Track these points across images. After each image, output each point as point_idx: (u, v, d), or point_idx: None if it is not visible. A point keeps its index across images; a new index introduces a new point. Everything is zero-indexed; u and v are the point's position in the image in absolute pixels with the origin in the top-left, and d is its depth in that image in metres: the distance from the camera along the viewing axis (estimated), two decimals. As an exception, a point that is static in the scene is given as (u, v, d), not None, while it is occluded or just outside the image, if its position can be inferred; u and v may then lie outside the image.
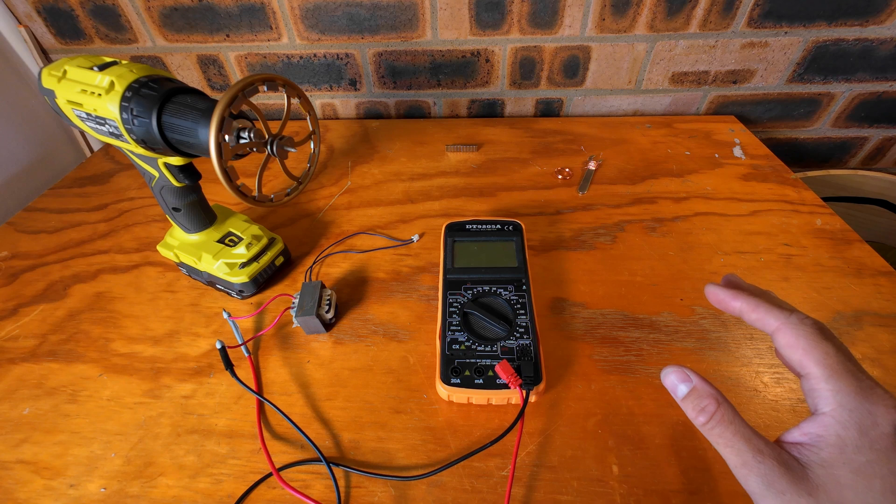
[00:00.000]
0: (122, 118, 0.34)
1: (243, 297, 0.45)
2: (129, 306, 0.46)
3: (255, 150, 0.36)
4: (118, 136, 0.36)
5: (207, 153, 0.33)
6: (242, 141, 0.34)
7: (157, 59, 0.70)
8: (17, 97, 0.66)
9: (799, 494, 0.20)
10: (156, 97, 0.33)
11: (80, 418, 0.37)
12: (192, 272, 0.46)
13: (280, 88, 0.37)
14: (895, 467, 0.20)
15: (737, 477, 0.22)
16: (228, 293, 0.45)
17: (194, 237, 0.45)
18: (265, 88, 0.36)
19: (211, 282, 0.45)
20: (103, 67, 0.35)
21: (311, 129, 0.44)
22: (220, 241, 0.45)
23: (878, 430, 0.20)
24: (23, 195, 0.66)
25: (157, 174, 0.39)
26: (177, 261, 0.46)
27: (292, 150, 0.38)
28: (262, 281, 0.45)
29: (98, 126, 0.36)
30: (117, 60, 0.36)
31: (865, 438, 0.20)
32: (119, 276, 0.49)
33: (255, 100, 0.74)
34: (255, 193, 0.38)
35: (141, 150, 0.37)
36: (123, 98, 0.33)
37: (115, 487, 0.33)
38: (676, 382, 0.24)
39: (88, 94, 0.34)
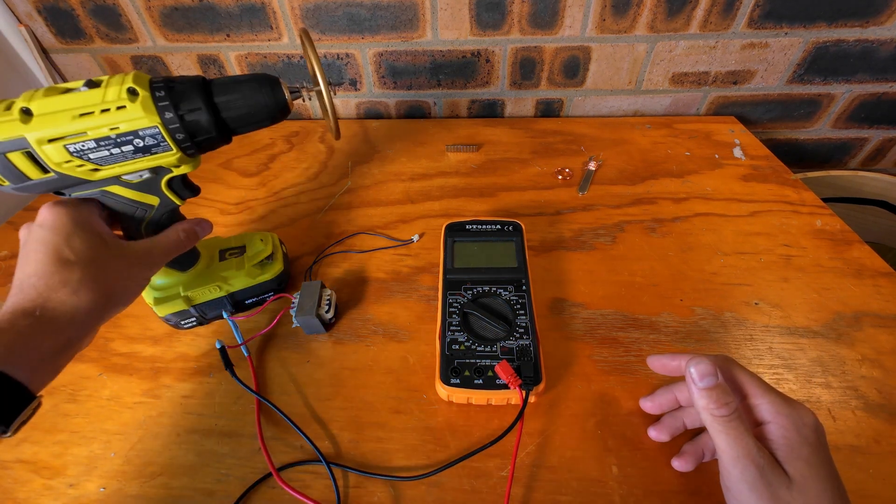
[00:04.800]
0: (164, 119, 0.30)
1: (281, 290, 0.44)
2: (129, 306, 0.45)
3: (309, 96, 0.38)
4: (148, 149, 0.31)
5: (270, 117, 0.34)
6: (295, 95, 0.36)
7: (157, 58, 0.70)
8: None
9: (781, 485, 0.24)
10: (195, 84, 0.31)
11: (79, 418, 0.37)
12: (211, 307, 0.41)
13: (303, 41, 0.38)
14: (824, 458, 0.25)
15: (733, 468, 0.25)
16: (263, 299, 0.44)
17: (194, 271, 0.40)
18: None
19: (238, 301, 0.42)
20: (92, 85, 0.30)
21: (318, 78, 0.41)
22: (221, 258, 0.42)
23: (807, 428, 0.26)
24: (23, 195, 0.65)
25: (156, 201, 0.35)
26: (187, 306, 0.40)
27: (338, 85, 0.39)
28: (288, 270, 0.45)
29: (115, 149, 0.30)
30: (91, 80, 0.31)
31: (801, 436, 0.26)
32: (119, 275, 0.49)
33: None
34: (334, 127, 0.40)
35: (164, 161, 0.32)
36: (157, 98, 0.30)
37: (115, 487, 0.33)
38: (705, 373, 0.27)
39: (98, 115, 0.29)
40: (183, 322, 0.41)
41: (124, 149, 0.30)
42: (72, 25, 0.66)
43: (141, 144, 0.30)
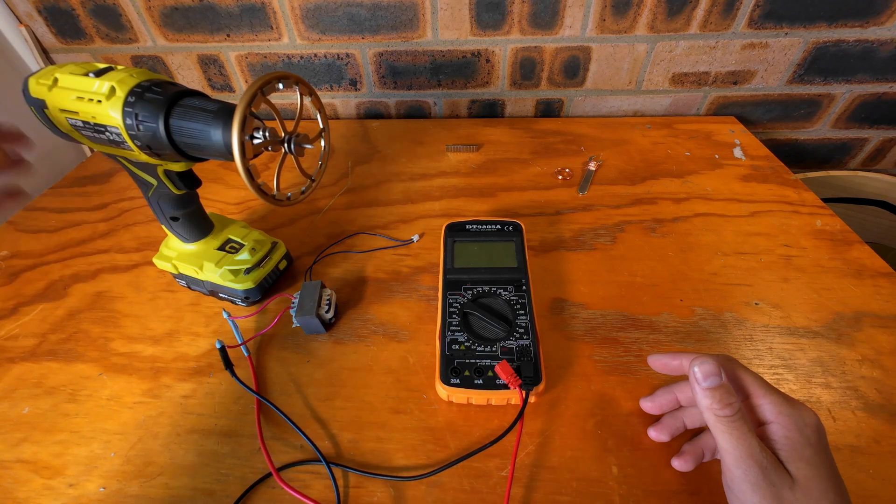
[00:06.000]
0: (125, 124, 0.32)
1: (249, 304, 0.45)
2: (129, 306, 0.46)
3: (269, 148, 0.35)
4: (119, 144, 0.34)
5: (221, 155, 0.33)
6: (257, 141, 0.34)
7: (157, 58, 0.70)
8: (17, 96, 0.66)
9: (784, 485, 0.24)
10: (162, 101, 0.32)
11: (79, 418, 0.37)
12: (193, 282, 0.45)
13: (294, 86, 0.37)
14: (826, 458, 0.25)
15: (736, 468, 0.25)
16: (233, 301, 0.45)
17: (193, 246, 0.44)
18: (280, 86, 0.35)
19: (213, 291, 0.45)
20: (100, 73, 0.33)
21: (321, 126, 0.43)
22: (221, 248, 0.44)
23: (809, 429, 0.26)
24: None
25: (154, 182, 0.38)
26: (175, 272, 0.45)
27: (309, 146, 0.37)
28: (268, 286, 0.45)
29: (96, 135, 0.34)
30: (112, 66, 0.35)
31: (803, 436, 0.26)
32: (119, 275, 0.49)
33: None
34: (275, 192, 0.37)
35: (143, 158, 0.35)
36: (126, 103, 0.32)
37: (115, 487, 0.33)
38: (709, 373, 0.27)
39: (86, 102, 0.33)
40: (177, 280, 0.47)
41: (101, 136, 0.34)
42: (72, 25, 0.66)
43: (111, 138, 0.34)
